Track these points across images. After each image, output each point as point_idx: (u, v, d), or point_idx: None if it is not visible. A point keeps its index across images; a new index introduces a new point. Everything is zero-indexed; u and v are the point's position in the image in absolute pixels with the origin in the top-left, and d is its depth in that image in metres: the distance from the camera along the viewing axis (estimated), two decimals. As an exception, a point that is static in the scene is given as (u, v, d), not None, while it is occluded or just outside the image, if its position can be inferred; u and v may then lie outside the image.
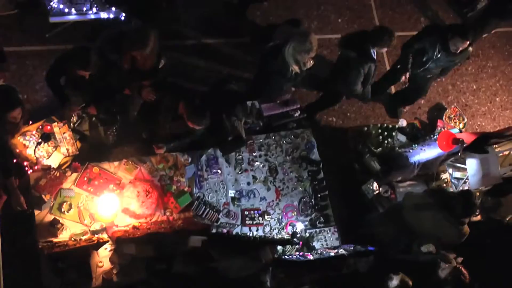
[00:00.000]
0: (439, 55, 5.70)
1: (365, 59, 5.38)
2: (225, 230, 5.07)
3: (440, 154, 5.73)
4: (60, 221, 4.58)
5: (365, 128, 6.08)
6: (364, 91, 5.70)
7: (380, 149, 5.99)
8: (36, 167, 4.81)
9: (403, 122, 6.20)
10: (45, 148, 4.94)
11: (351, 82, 5.54)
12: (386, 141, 6.04)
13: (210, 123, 4.87)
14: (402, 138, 6.11)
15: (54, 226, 4.52)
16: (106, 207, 4.70)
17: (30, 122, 4.98)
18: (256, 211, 5.26)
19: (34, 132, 4.94)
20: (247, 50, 6.61)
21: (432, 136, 6.10)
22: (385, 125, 6.13)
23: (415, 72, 6.02)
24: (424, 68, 5.93)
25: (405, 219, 4.78)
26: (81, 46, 4.66)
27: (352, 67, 5.44)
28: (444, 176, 6.01)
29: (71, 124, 5.06)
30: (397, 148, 5.99)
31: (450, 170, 5.97)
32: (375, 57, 5.43)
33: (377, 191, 5.69)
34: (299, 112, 5.92)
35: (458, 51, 5.63)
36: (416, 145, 5.96)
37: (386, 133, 6.06)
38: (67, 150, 5.02)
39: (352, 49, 5.39)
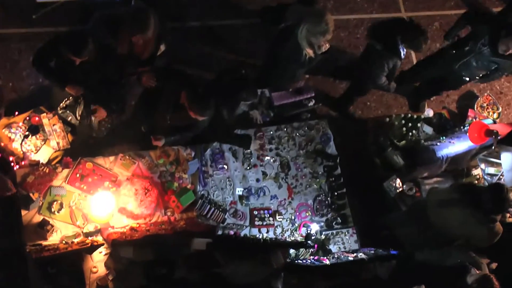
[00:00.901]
0: (483, 50, 5.49)
1: (391, 54, 5.34)
2: (232, 232, 5.07)
3: (471, 147, 5.66)
4: (50, 222, 4.58)
5: (387, 119, 6.01)
6: (389, 86, 5.73)
7: (403, 142, 5.93)
8: (23, 163, 4.80)
9: (429, 112, 6.13)
10: (33, 142, 4.92)
11: (375, 76, 5.54)
12: (410, 133, 5.97)
13: (215, 114, 4.86)
14: (428, 129, 6.04)
15: (43, 228, 4.51)
16: (100, 206, 4.69)
17: (16, 113, 4.97)
18: (266, 211, 5.26)
19: (20, 124, 4.92)
20: (256, 33, 6.55)
21: (462, 127, 6.01)
22: (409, 115, 6.06)
23: (452, 66, 5.86)
24: (464, 61, 5.73)
25: (430, 218, 4.73)
26: (76, 29, 4.58)
27: (376, 60, 5.43)
28: (475, 172, 5.95)
29: (59, 109, 5.00)
30: (422, 141, 5.92)
31: (483, 165, 5.91)
32: (402, 54, 5.37)
33: (400, 189, 5.63)
34: (313, 101, 5.90)
35: (507, 53, 5.38)
36: (444, 137, 5.88)
37: (410, 124, 5.99)
38: (58, 143, 5.01)
39: (379, 41, 5.33)
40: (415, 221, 4.96)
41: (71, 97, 5.02)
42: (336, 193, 5.52)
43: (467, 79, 5.94)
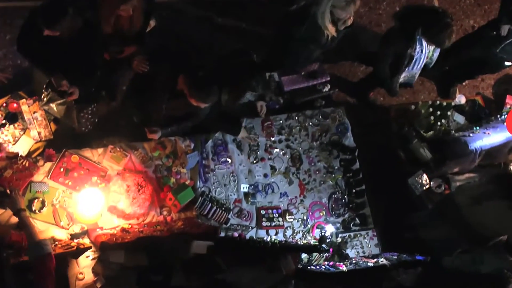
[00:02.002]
0: None
1: (403, 38, 5.32)
2: (236, 234, 5.05)
3: (509, 139, 5.60)
4: (31, 223, 4.53)
5: (413, 106, 5.99)
6: (392, 80, 5.70)
7: (431, 132, 5.91)
8: (-1, 155, 4.79)
9: (461, 99, 6.06)
10: (10, 131, 4.92)
11: (379, 57, 5.57)
12: (439, 123, 5.93)
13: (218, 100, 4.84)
14: (459, 118, 6.00)
15: (22, 229, 4.39)
16: (88, 205, 4.65)
17: (-9, 99, 4.96)
18: (275, 210, 5.26)
19: (-4, 111, 4.92)
20: (264, 7, 6.54)
21: (499, 116, 5.95)
22: (438, 102, 6.01)
23: (492, 49, 5.85)
24: (507, 43, 5.72)
25: (464, 218, 4.75)
26: None
27: (386, 39, 5.45)
28: (514, 166, 5.90)
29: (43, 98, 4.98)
30: (453, 132, 5.90)
31: (523, 160, 5.86)
32: (418, 47, 5.34)
33: (427, 186, 5.62)
34: (328, 86, 5.90)
35: None
36: (478, 127, 5.84)
37: (439, 112, 5.94)
38: (39, 133, 4.99)
39: (400, 21, 5.32)
40: (444, 221, 4.98)
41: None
42: (354, 191, 5.52)
43: (509, 63, 5.91)
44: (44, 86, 4.91)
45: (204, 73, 4.77)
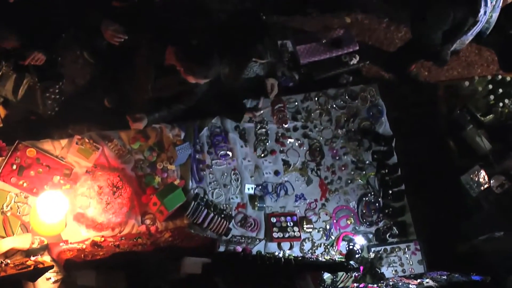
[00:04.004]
0: None
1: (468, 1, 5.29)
2: (239, 248, 5.00)
3: None
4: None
5: (467, 83, 5.95)
6: (443, 52, 5.77)
7: (490, 116, 5.91)
8: None
9: (530, 72, 6.10)
10: None
11: (429, 25, 5.57)
12: (501, 104, 5.92)
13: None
14: (528, 98, 5.98)
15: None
16: (48, 212, 4.59)
17: None
18: (289, 218, 5.24)
19: None
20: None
21: None
22: (500, 77, 6.01)
23: None
24: None
25: None
26: None
27: (439, 3, 5.41)
28: None
29: None
30: (519, 115, 5.89)
31: None
32: (483, 9, 5.31)
33: (486, 185, 5.59)
34: (357, 57, 5.94)
35: None
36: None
37: (501, 90, 5.92)
38: (-18, 120, 5.01)
39: None
40: (509, 230, 5.03)
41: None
42: (390, 192, 5.51)
43: None
44: None
45: (199, 41, 4.73)
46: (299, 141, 5.49)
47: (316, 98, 5.62)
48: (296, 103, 5.60)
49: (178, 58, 4.63)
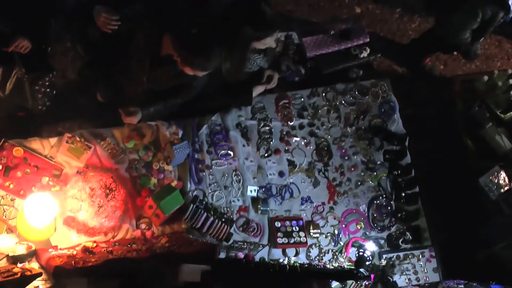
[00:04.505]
0: None
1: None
2: (241, 254, 4.98)
3: None
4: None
5: (485, 77, 5.98)
6: (471, 48, 5.87)
7: (511, 113, 5.91)
8: None
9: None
10: None
11: (457, 27, 5.66)
12: None
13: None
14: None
15: None
16: (36, 215, 4.58)
17: None
18: (294, 222, 5.25)
19: None
20: None
21: None
22: None
23: None
24: None
25: None
26: None
27: (468, 4, 5.49)
28: None
29: None
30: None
31: None
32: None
33: (506, 187, 5.60)
34: (368, 50, 5.94)
35: None
36: None
37: None
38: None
39: None
40: None
41: None
42: (403, 194, 5.51)
43: None
44: None
45: (199, 30, 4.71)
46: (305, 140, 5.49)
47: (323, 94, 5.62)
48: (302, 99, 5.59)
49: (175, 48, 4.62)
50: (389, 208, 5.43)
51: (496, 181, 5.56)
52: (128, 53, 4.89)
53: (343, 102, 5.63)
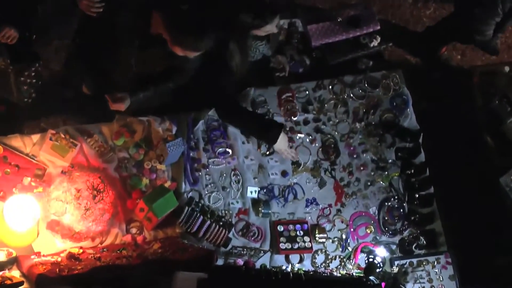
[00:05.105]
0: None
1: None
2: (241, 261, 4.98)
3: None
4: None
5: (507, 68, 6.02)
6: (492, 40, 5.92)
7: None
8: None
9: None
10: None
11: (479, 21, 5.72)
12: None
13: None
14: None
15: None
16: (17, 219, 4.61)
17: None
18: (298, 226, 5.25)
19: None
20: None
21: None
22: None
23: None
24: None
25: None
26: None
27: None
28: None
29: None
30: None
31: None
32: None
33: None
34: (378, 38, 5.94)
35: None
36: None
37: None
38: None
39: None
40: None
41: None
42: (417, 196, 5.50)
43: None
44: None
45: (191, 6, 4.69)
46: (310, 137, 5.50)
47: (330, 87, 5.62)
48: (307, 92, 5.59)
49: (164, 26, 4.60)
50: (401, 210, 5.43)
51: (518, 181, 5.54)
52: (114, 35, 4.86)
53: (351, 95, 5.63)
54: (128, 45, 4.86)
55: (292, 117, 5.47)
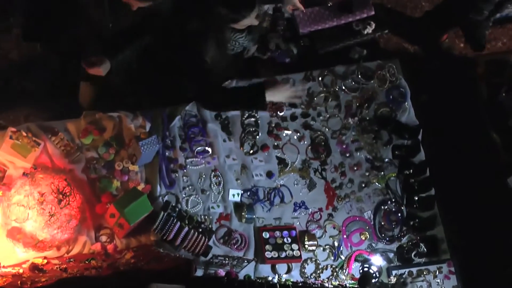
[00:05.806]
0: None
1: None
2: (222, 272, 4.94)
3: None
4: None
5: None
6: (484, 24, 6.12)
7: None
8: None
9: None
10: None
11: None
12: None
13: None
14: None
15: None
16: None
17: None
18: (285, 232, 5.26)
19: None
20: None
21: None
22: None
23: None
24: None
25: None
26: None
27: None
28: None
29: None
30: None
31: None
32: None
33: None
34: (373, 25, 5.96)
35: None
36: None
37: None
38: None
39: None
40: None
41: None
42: (417, 198, 5.51)
43: None
44: None
45: None
46: (298, 134, 5.51)
47: (320, 78, 5.64)
48: (295, 84, 5.56)
49: None
50: (399, 214, 5.44)
51: (528, 181, 5.58)
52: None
53: (343, 87, 5.65)
54: (96, 4, 4.86)
55: (278, 112, 5.49)
